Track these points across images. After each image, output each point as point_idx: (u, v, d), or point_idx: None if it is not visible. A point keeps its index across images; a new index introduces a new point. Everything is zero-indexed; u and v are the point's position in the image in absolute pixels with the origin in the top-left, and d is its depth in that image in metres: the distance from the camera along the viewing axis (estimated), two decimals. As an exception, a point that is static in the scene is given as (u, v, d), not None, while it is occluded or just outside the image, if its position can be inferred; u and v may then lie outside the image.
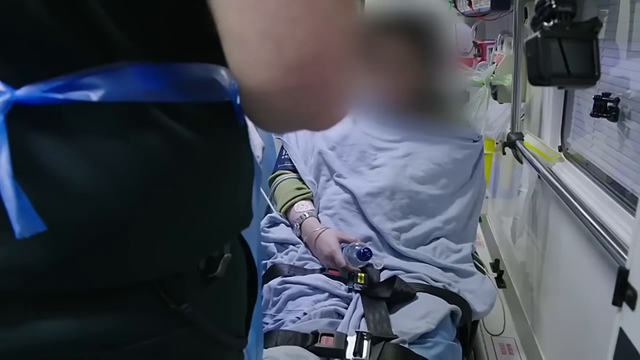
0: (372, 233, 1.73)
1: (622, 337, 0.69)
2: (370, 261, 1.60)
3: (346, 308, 1.49)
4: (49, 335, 0.63)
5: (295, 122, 0.67)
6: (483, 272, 1.82)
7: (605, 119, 1.62)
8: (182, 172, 0.64)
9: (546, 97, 2.06)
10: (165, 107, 0.60)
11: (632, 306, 0.67)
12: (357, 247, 1.60)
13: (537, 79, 0.86)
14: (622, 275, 0.69)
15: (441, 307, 1.49)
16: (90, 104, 0.55)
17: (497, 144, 2.67)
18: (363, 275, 1.59)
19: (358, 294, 1.54)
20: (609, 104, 1.57)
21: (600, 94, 1.58)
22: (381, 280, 1.59)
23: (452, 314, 1.52)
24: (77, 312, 0.63)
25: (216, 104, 0.65)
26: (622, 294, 0.69)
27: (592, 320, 1.56)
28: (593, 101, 1.61)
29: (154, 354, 0.69)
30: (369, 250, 1.58)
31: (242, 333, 0.86)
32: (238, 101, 0.67)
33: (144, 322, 0.67)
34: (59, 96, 0.54)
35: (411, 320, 1.44)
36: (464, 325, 1.61)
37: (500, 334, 2.02)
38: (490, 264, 2.55)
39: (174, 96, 0.60)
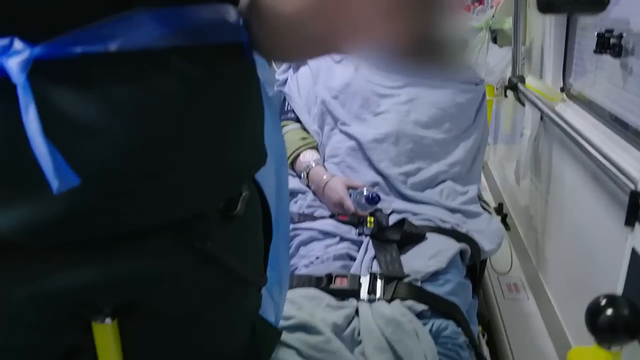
0: (378, 178, 1.75)
1: (635, 256, 0.72)
2: (378, 205, 1.62)
3: (357, 251, 1.52)
4: (79, 282, 0.65)
5: (320, 48, 0.68)
6: (489, 213, 1.85)
7: (608, 57, 1.63)
8: (201, 114, 0.65)
9: (547, 38, 2.06)
10: (180, 51, 0.61)
11: (646, 225, 0.69)
12: (365, 193, 1.62)
13: (547, 7, 0.86)
14: (634, 197, 0.71)
15: (451, 246, 1.52)
16: (108, 53, 0.56)
17: (497, 89, 2.68)
18: (372, 219, 1.61)
19: (368, 238, 1.56)
20: (612, 40, 1.57)
21: (604, 31, 1.58)
22: (390, 223, 1.61)
23: (462, 252, 1.55)
24: (105, 258, 0.65)
25: (227, 43, 0.66)
26: (635, 215, 0.71)
27: (598, 254, 1.59)
28: (596, 38, 1.61)
29: (181, 294, 0.71)
30: (378, 195, 1.60)
31: (262, 271, 0.89)
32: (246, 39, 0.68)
33: (170, 263, 0.69)
34: (77, 49, 0.55)
35: (422, 259, 1.46)
36: (473, 264, 1.64)
37: (508, 272, 2.06)
38: (494, 208, 2.57)
39: (188, 39, 0.61)
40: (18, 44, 0.53)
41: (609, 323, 0.67)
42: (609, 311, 0.67)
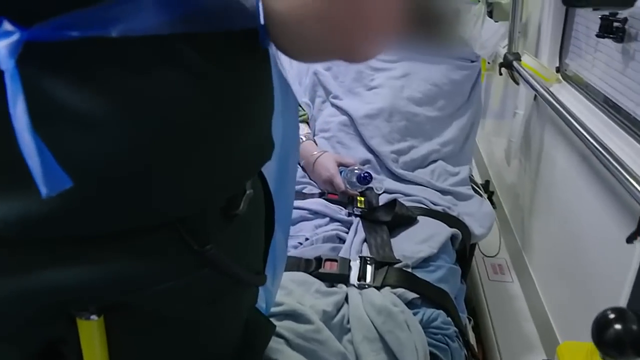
0: (370, 156, 1.71)
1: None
2: (370, 185, 1.58)
3: (347, 232, 1.48)
4: (66, 280, 0.61)
5: (328, 52, 0.63)
6: (480, 195, 1.82)
7: (609, 41, 1.59)
8: (206, 106, 0.60)
9: (545, 16, 2.00)
10: (188, 39, 0.55)
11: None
12: (356, 171, 1.58)
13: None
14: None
15: (442, 231, 1.49)
16: (109, 39, 0.50)
17: (489, 64, 2.63)
18: (362, 199, 1.57)
19: (358, 218, 1.52)
20: (615, 24, 1.52)
21: (608, 14, 1.53)
22: (380, 203, 1.57)
23: (452, 237, 1.52)
24: (96, 256, 0.61)
25: (240, 30, 0.60)
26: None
27: (585, 240, 1.58)
28: (600, 21, 1.56)
29: (176, 296, 0.68)
30: (369, 174, 1.56)
31: (260, 269, 0.84)
32: (262, 22, 0.62)
33: (166, 264, 0.65)
34: (74, 33, 0.48)
35: (413, 244, 1.43)
36: (463, 248, 1.61)
37: (496, 255, 2.05)
38: (481, 185, 2.56)
39: (196, 26, 0.55)
40: (7, 25, 0.47)
41: (617, 338, 0.64)
42: (617, 326, 0.64)
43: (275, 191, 0.84)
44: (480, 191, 1.87)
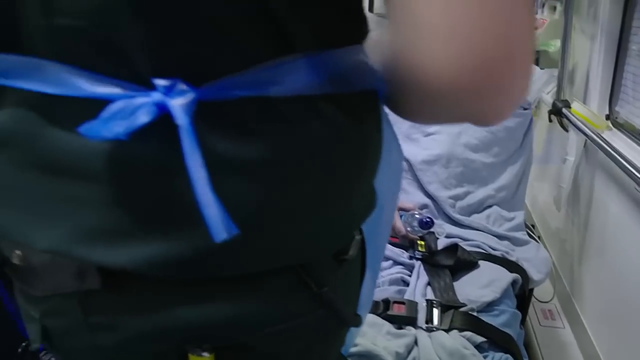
0: (428, 200, 1.74)
1: None
2: (432, 229, 1.61)
3: (410, 275, 1.51)
4: (198, 319, 0.64)
5: (460, 119, 0.65)
6: (535, 240, 1.84)
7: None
8: (339, 156, 0.64)
9: (594, 63, 2.03)
10: (328, 98, 0.60)
11: None
12: (417, 216, 1.61)
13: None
14: None
15: (504, 276, 1.51)
16: (264, 98, 0.55)
17: (532, 108, 2.66)
18: (423, 243, 1.60)
19: (420, 262, 1.55)
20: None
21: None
22: (439, 248, 1.60)
23: (513, 282, 1.54)
24: (227, 295, 0.64)
25: (366, 90, 0.65)
26: None
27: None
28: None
29: (295, 335, 0.70)
30: (431, 219, 1.59)
31: (356, 310, 0.87)
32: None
33: (288, 304, 0.68)
34: (239, 92, 0.53)
35: (476, 288, 1.45)
36: (522, 293, 1.63)
37: (550, 301, 2.04)
38: (527, 229, 2.56)
39: (335, 87, 0.60)
40: (182, 85, 0.51)
41: None
42: None
43: (367, 235, 0.87)
44: (535, 237, 1.88)
